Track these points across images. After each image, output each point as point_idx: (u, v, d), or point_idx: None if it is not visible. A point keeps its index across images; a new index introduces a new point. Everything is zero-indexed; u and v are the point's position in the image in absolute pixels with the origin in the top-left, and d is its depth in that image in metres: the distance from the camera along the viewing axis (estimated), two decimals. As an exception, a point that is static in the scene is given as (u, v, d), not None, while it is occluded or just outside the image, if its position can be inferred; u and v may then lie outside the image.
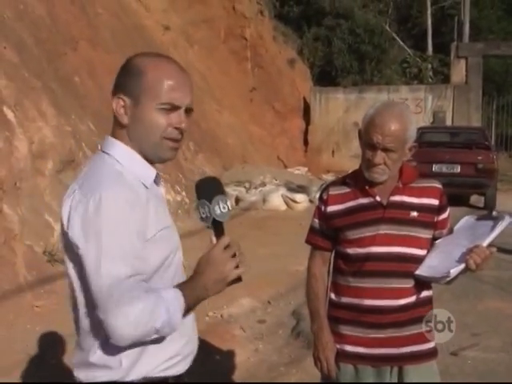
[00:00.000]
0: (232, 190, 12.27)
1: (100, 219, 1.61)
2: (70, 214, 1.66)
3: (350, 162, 17.99)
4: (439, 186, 2.56)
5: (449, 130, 15.36)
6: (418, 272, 2.44)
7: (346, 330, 2.51)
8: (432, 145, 13.35)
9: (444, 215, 2.55)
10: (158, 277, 1.73)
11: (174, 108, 1.74)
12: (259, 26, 18.61)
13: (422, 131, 14.12)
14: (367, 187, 2.48)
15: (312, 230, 2.65)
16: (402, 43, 26.08)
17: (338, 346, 2.52)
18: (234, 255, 1.73)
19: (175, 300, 1.66)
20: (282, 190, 12.51)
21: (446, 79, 20.40)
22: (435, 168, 12.89)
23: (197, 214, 1.77)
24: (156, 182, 1.82)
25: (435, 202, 2.51)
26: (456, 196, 14.05)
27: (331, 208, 2.53)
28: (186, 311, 1.71)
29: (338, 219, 2.49)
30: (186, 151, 12.80)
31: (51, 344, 4.80)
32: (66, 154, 8.01)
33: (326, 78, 21.92)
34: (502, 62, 30.20)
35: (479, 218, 2.58)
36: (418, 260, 2.45)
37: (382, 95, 18.55)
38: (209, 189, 1.76)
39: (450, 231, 2.58)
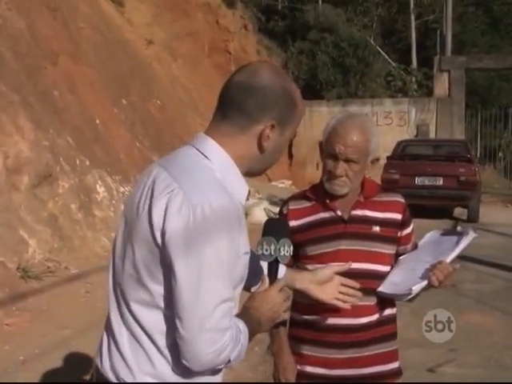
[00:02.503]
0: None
1: (207, 231, 1.48)
2: (168, 213, 1.51)
3: (334, 176, 18.02)
4: (402, 200, 2.50)
5: (431, 143, 15.41)
6: (380, 289, 2.38)
7: (307, 350, 2.43)
8: (414, 158, 13.40)
9: (407, 230, 2.50)
10: None
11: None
12: (243, 40, 18.64)
13: (404, 144, 14.18)
14: (328, 201, 2.42)
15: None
16: (386, 57, 26.24)
17: (299, 367, 2.44)
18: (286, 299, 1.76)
19: (245, 332, 1.62)
20: (265, 204, 12.47)
21: (431, 92, 20.49)
22: (418, 181, 12.92)
23: (259, 248, 1.76)
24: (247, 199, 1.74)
25: (398, 216, 2.45)
26: (439, 208, 14.12)
27: (291, 223, 2.46)
28: None
29: (298, 234, 2.41)
30: (168, 165, 12.71)
31: (19, 364, 4.68)
32: (43, 169, 7.92)
33: (310, 91, 21.92)
34: (486, 75, 30.44)
35: (444, 233, 2.53)
36: (381, 276, 2.39)
37: (365, 108, 18.62)
38: (278, 229, 1.80)
39: (415, 246, 2.52)
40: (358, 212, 2.41)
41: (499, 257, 9.21)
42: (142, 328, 1.58)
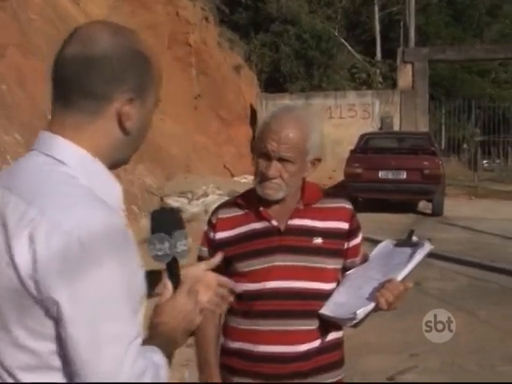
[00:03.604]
0: (174, 202, 11.85)
1: (91, 261, 1.13)
2: (35, 251, 1.13)
3: (298, 170, 17.76)
4: (349, 206, 2.18)
5: (394, 136, 15.21)
6: (322, 311, 2.05)
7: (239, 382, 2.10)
8: (377, 151, 13.19)
9: (355, 241, 2.17)
10: None
11: None
12: (204, 33, 18.20)
13: (367, 137, 13.97)
14: (261, 209, 2.09)
15: (200, 260, 2.25)
16: (350, 49, 26.04)
17: None
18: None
19: (163, 364, 1.27)
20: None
21: (395, 85, 20.34)
22: (381, 174, 12.72)
23: (150, 250, 1.42)
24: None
25: (344, 225, 2.13)
26: (403, 203, 13.94)
27: (220, 234, 2.13)
28: None
29: (228, 248, 2.07)
30: (125, 161, 12.30)
31: None
32: (-15, 168, 7.48)
33: (274, 84, 21.67)
34: (450, 67, 30.53)
35: (398, 244, 2.21)
36: (324, 296, 2.07)
37: (329, 101, 18.37)
38: (168, 222, 1.46)
39: (365, 259, 2.20)
40: (297, 221, 2.08)
41: (464, 252, 9.03)
42: None
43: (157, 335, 1.33)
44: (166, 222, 1.46)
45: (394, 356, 5.06)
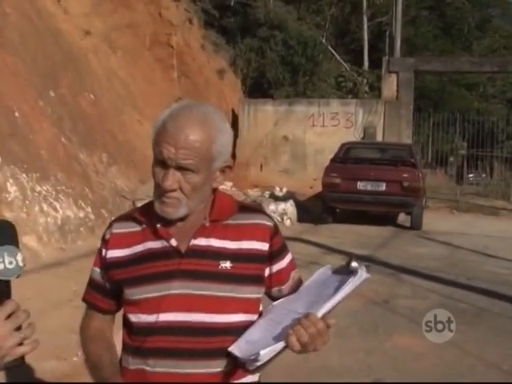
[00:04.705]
0: (146, 206, 11.48)
1: None
2: None
3: (278, 177, 17.42)
4: (269, 223, 1.79)
5: (375, 146, 14.90)
6: (231, 348, 1.69)
7: None
8: (357, 161, 12.90)
9: (280, 265, 1.80)
10: None
11: None
12: (186, 34, 17.85)
13: (348, 146, 13.67)
14: (159, 225, 1.72)
15: (91, 282, 1.86)
16: (338, 57, 25.79)
17: None
18: (19, 327, 1.24)
19: None
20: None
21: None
22: (360, 185, 12.41)
23: None
24: None
25: (262, 246, 1.75)
26: (382, 215, 13.63)
27: (112, 253, 1.75)
28: None
29: (120, 270, 1.72)
30: (97, 163, 11.90)
31: None
32: None
33: (258, 90, 21.34)
34: (438, 79, 30.40)
35: (336, 271, 1.82)
36: (233, 331, 1.70)
37: (312, 108, 18.04)
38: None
39: (298, 287, 1.84)
40: (201, 241, 1.70)
41: (438, 269, 8.70)
42: None
43: None
44: None
45: (357, 380, 4.70)
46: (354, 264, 1.76)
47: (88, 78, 14.04)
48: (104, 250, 1.78)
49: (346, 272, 1.75)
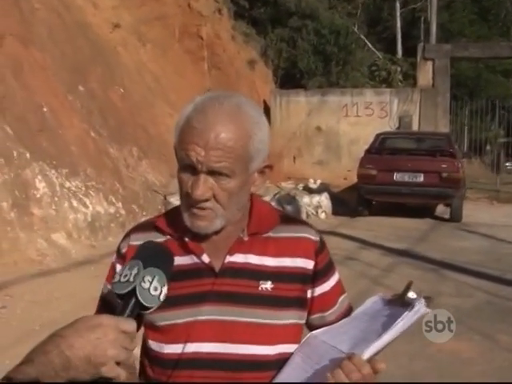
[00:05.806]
0: (178, 201, 11.29)
1: None
2: None
3: (312, 169, 17.11)
4: (315, 237, 1.50)
5: (412, 136, 14.41)
6: None
7: None
8: (394, 152, 12.52)
9: (325, 287, 1.51)
10: None
11: None
12: (216, 25, 17.59)
13: (383, 137, 13.30)
14: (188, 239, 1.45)
15: (102, 299, 1.58)
16: (370, 46, 25.32)
17: None
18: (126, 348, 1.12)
19: None
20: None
21: (416, 83, 19.59)
22: (397, 177, 12.05)
23: (117, 275, 1.23)
24: None
25: (307, 264, 1.47)
26: (420, 207, 13.23)
27: None
28: None
29: None
30: (127, 158, 11.74)
31: None
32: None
33: (290, 80, 20.97)
34: (474, 66, 29.66)
35: (390, 301, 1.51)
36: (270, 365, 1.42)
37: (345, 98, 17.67)
38: (152, 255, 1.23)
39: (345, 315, 1.54)
40: (238, 258, 1.43)
41: (482, 264, 8.30)
42: None
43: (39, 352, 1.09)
44: (148, 255, 1.22)
45: (398, 389, 4.40)
46: (412, 295, 1.45)
47: (117, 72, 13.89)
48: (119, 265, 1.51)
49: (400, 303, 1.44)
